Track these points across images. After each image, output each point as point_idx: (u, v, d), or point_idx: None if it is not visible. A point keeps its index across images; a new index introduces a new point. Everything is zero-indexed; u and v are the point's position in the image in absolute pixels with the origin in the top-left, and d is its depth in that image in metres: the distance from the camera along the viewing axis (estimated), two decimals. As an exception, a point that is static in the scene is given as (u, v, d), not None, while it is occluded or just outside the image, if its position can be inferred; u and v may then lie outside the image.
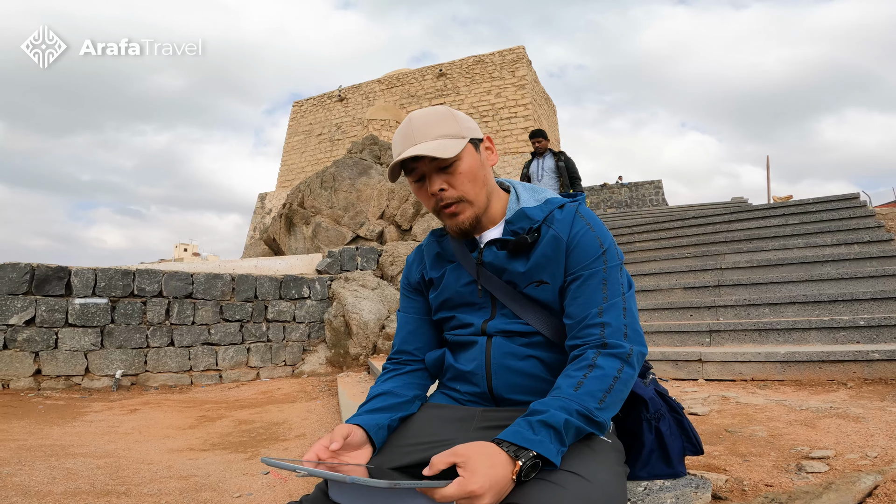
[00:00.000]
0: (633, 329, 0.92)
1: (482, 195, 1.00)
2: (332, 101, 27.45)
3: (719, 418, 2.38)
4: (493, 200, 1.04)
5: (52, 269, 5.51)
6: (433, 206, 1.00)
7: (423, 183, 0.99)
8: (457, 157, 0.96)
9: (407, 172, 1.00)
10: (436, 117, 0.98)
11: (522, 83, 22.67)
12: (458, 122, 0.99)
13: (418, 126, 0.97)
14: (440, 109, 1.00)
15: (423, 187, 1.00)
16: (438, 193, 0.97)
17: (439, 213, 1.00)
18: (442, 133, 0.96)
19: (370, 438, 0.93)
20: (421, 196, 1.02)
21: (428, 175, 0.98)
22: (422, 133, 0.96)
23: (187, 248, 56.49)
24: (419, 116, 0.98)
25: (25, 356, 5.26)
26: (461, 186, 0.97)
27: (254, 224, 26.20)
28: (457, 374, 1.06)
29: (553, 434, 0.77)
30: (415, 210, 10.52)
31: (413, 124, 0.97)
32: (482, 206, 1.01)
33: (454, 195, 0.97)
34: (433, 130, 0.96)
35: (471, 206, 0.99)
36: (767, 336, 3.84)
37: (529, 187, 1.09)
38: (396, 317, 1.19)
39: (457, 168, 0.97)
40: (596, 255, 0.95)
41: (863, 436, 1.93)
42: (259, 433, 3.61)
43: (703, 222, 7.43)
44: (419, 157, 0.96)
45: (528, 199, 1.05)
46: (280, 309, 6.73)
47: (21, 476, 2.49)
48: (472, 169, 0.98)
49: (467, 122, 1.01)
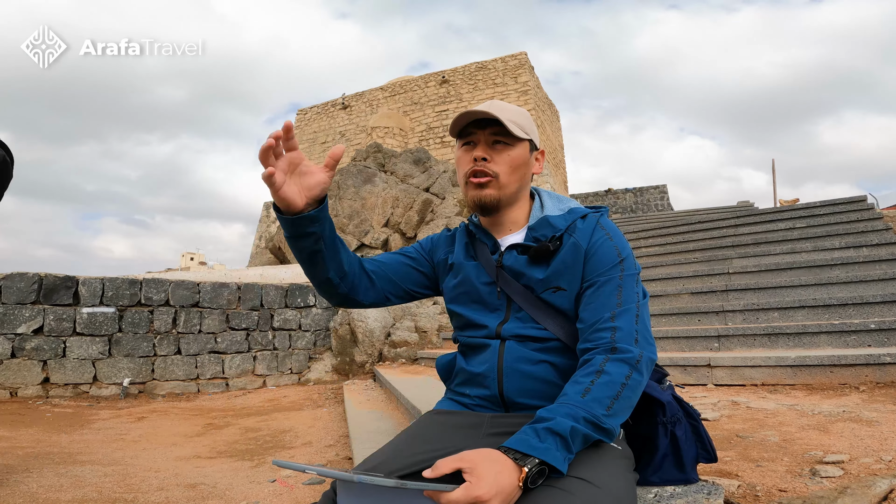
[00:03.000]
0: (644, 336, 0.91)
1: (514, 186, 1.04)
2: (335, 108, 27.62)
3: (730, 423, 2.35)
4: (520, 202, 1.08)
5: (60, 278, 5.55)
6: (466, 171, 1.04)
7: (471, 148, 1.04)
8: (513, 141, 1.02)
9: (463, 136, 1.05)
10: (515, 109, 1.05)
11: (525, 89, 22.74)
12: (530, 123, 1.07)
13: (499, 106, 1.02)
14: (520, 108, 1.08)
15: (469, 152, 1.04)
16: (480, 161, 1.01)
17: (467, 181, 1.04)
18: (515, 120, 1.02)
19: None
20: (461, 161, 1.06)
21: (480, 143, 1.02)
22: (498, 110, 1.01)
23: (194, 258, 56.78)
24: (501, 103, 1.05)
25: (34, 364, 5.28)
26: (502, 166, 1.02)
27: (259, 233, 26.32)
28: (467, 378, 1.05)
29: (559, 441, 0.77)
30: (419, 218, 10.54)
31: (493, 104, 1.03)
32: (508, 196, 1.04)
33: (492, 169, 1.02)
34: (510, 114, 1.02)
35: (499, 188, 1.02)
36: (777, 340, 3.81)
37: (555, 196, 1.11)
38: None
39: (507, 150, 1.02)
40: (613, 263, 0.96)
41: (877, 440, 1.91)
42: (266, 441, 3.61)
43: (710, 227, 7.40)
44: (483, 126, 1.01)
45: (552, 208, 1.07)
46: (286, 317, 6.74)
47: (29, 483, 2.49)
48: (519, 160, 1.03)
49: (535, 128, 1.09)
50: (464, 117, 1.01)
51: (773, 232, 6.42)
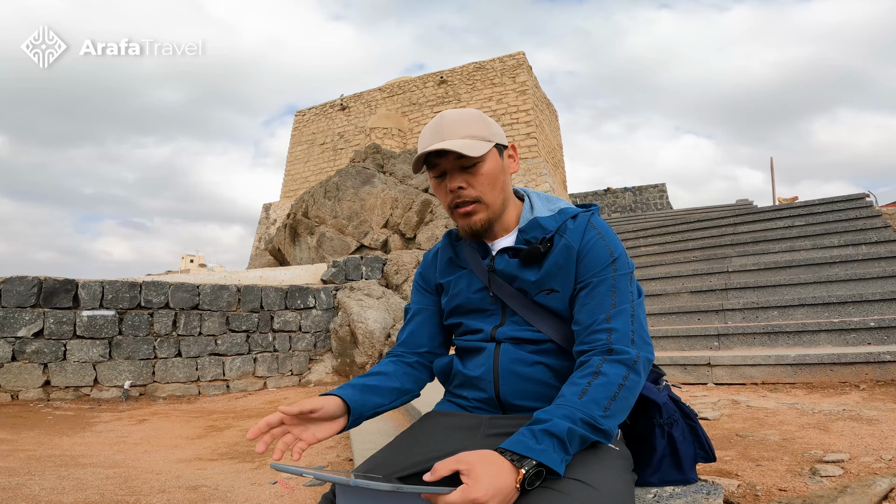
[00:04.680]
0: (640, 336, 0.91)
1: (498, 200, 1.01)
2: (334, 109, 27.60)
3: (730, 423, 2.35)
4: (508, 207, 1.05)
5: (60, 281, 5.55)
6: (449, 203, 1.01)
7: (443, 179, 1.00)
8: (480, 158, 0.97)
9: (429, 167, 1.01)
10: (466, 117, 0.99)
11: (523, 89, 22.73)
12: (488, 125, 1.01)
13: (448, 123, 0.97)
14: (472, 111, 1.02)
15: (443, 184, 1.00)
16: (457, 191, 0.98)
17: (453, 211, 1.01)
18: (470, 133, 0.97)
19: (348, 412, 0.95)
20: (439, 193, 1.03)
21: (449, 172, 0.98)
22: (451, 130, 0.97)
23: (193, 260, 56.69)
24: (451, 114, 0.99)
25: (34, 368, 5.29)
26: (480, 187, 0.98)
27: (259, 235, 26.30)
28: (464, 381, 1.05)
29: (556, 443, 0.77)
30: (419, 218, 10.54)
31: (444, 121, 0.98)
32: (497, 211, 1.01)
33: (472, 195, 0.98)
34: (462, 129, 0.97)
35: (486, 209, 1.00)
36: (777, 339, 3.81)
37: (544, 196, 1.09)
38: (405, 309, 1.19)
39: (479, 169, 0.98)
40: (606, 263, 0.96)
41: (877, 438, 1.91)
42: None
43: (709, 225, 7.40)
44: (444, 153, 0.97)
45: (541, 209, 1.05)
46: (286, 319, 6.74)
47: (31, 486, 2.50)
48: (493, 172, 0.99)
49: (496, 127, 1.03)
50: (422, 158, 0.98)
51: (772, 230, 6.42)
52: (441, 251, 1.15)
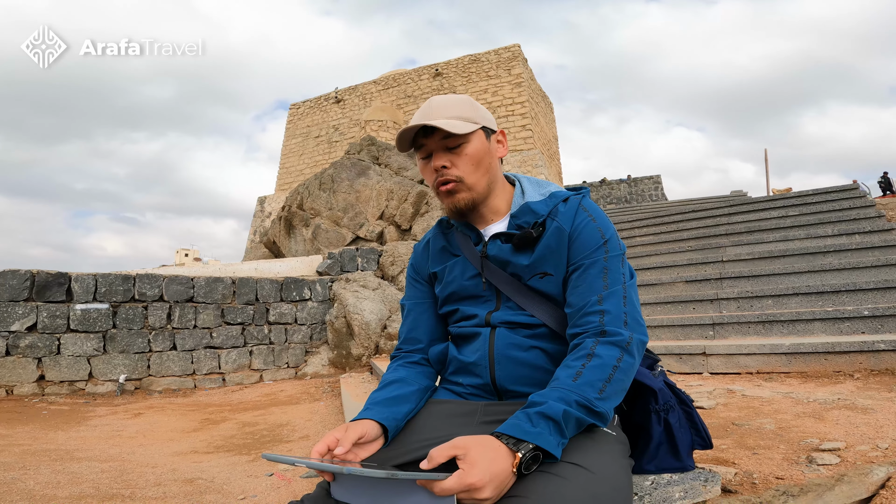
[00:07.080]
0: (633, 318, 0.91)
1: (483, 182, 1.02)
2: (328, 103, 27.42)
3: (726, 411, 2.36)
4: (496, 191, 1.05)
5: (53, 275, 5.50)
6: (433, 182, 1.02)
7: (429, 160, 1.02)
8: (465, 138, 0.99)
9: (417, 149, 1.02)
10: (455, 100, 1.01)
11: (518, 81, 22.64)
12: (475, 109, 1.02)
13: (436, 106, 0.99)
14: (461, 96, 1.03)
15: (429, 164, 1.02)
16: (440, 170, 0.99)
17: (437, 190, 1.02)
18: (457, 114, 0.99)
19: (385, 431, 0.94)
20: (425, 173, 1.04)
21: (435, 152, 1.00)
22: (438, 112, 0.98)
23: (188, 254, 56.45)
24: (440, 98, 1.01)
25: (28, 362, 5.25)
26: (463, 168, 0.99)
27: (254, 228, 26.19)
28: (460, 367, 1.05)
29: (552, 426, 0.76)
30: (414, 210, 10.50)
31: (432, 104, 1.00)
32: (481, 193, 1.02)
33: (454, 174, 0.99)
34: (449, 111, 0.99)
35: (468, 190, 1.00)
36: (771, 328, 3.83)
37: (534, 181, 1.09)
38: (401, 305, 1.19)
39: (463, 149, 0.99)
40: (597, 244, 0.96)
41: (872, 427, 1.92)
42: (263, 435, 3.60)
43: (704, 215, 7.42)
44: (430, 134, 0.98)
45: (532, 194, 1.05)
46: (282, 311, 6.72)
47: (26, 481, 2.48)
48: (478, 153, 1.00)
49: (484, 112, 1.04)
50: (407, 133, 0.99)
51: (766, 220, 6.44)
52: (432, 240, 1.14)
